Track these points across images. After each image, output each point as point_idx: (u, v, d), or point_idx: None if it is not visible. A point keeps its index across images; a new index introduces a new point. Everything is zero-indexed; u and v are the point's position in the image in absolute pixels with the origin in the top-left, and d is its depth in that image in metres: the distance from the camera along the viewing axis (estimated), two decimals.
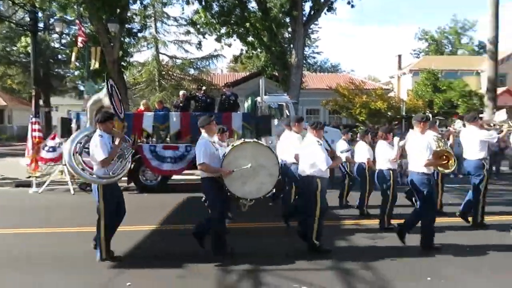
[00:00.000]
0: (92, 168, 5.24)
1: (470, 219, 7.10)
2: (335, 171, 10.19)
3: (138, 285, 4.63)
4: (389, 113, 23.71)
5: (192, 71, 28.05)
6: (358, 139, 8.93)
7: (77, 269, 5.11)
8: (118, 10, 15.65)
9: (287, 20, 17.67)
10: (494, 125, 7.97)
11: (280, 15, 18.18)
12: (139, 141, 10.97)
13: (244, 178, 5.39)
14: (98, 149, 4.95)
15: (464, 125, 7.76)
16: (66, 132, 10.26)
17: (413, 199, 7.71)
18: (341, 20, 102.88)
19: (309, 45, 39.06)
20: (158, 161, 10.47)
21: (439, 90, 30.73)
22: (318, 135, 5.67)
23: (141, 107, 12.53)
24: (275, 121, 11.54)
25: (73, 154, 5.15)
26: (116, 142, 5.10)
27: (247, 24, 17.05)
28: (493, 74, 19.64)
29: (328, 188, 5.96)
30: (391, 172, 6.87)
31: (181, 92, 13.34)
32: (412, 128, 6.23)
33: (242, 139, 6.54)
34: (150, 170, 10.76)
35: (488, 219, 7.21)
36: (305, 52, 33.42)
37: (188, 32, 20.87)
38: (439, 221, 6.93)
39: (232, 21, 17.40)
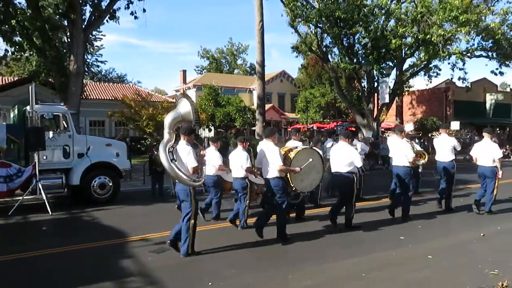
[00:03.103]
0: None
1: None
2: None
3: None
4: None
5: None
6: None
7: None
8: None
9: (65, 23, 16.13)
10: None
11: (56, 16, 16.44)
12: None
13: (302, 176, 6.83)
14: (191, 157, 5.73)
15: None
16: None
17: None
18: (128, 31, 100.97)
19: (91, 53, 36.59)
20: None
21: (219, 105, 33.57)
22: (350, 142, 7.68)
23: None
24: (50, 133, 10.23)
25: (171, 161, 5.69)
26: (202, 153, 6.21)
27: (13, 22, 14.70)
28: (262, 92, 22.65)
29: None
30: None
31: None
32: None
33: (298, 147, 7.46)
34: None
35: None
36: (87, 60, 31.23)
37: None
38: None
39: None
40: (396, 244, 6.60)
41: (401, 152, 8.22)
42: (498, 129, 31.70)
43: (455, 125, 15.21)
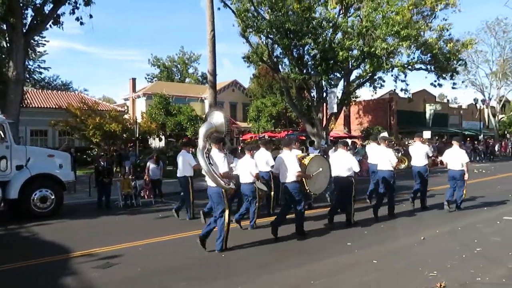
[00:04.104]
0: None
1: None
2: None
3: None
4: (124, 135, 23.69)
5: None
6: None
7: None
8: None
9: (4, 27, 15.26)
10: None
11: None
12: None
13: (314, 179, 7.84)
14: (224, 164, 6.56)
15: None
16: None
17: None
18: (74, 36, 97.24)
19: (33, 59, 34.82)
20: None
21: (170, 114, 33.05)
22: (347, 149, 8.77)
23: None
24: None
25: (209, 164, 6.42)
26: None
27: None
28: (213, 101, 22.57)
29: None
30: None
31: None
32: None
33: (310, 154, 8.96)
34: None
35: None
36: (28, 66, 29.66)
37: None
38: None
39: None
40: (343, 250, 6.78)
41: (385, 158, 9.29)
42: (436, 137, 33.72)
43: (427, 134, 17.50)
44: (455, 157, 9.87)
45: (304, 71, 23.97)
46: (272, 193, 10.00)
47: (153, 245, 7.38)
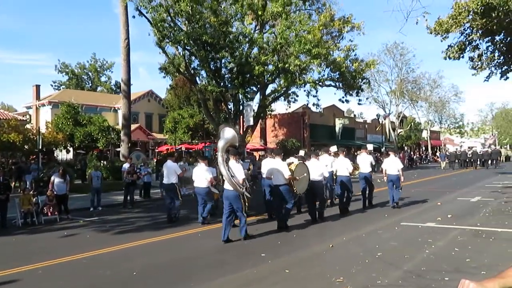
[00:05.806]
0: None
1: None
2: None
3: None
4: (25, 146, 21.68)
5: None
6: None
7: None
8: None
9: None
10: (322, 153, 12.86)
11: None
12: None
13: (299, 182, 9.56)
14: (242, 172, 8.26)
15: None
16: None
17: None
18: None
19: None
20: None
21: (79, 124, 31.08)
22: (318, 159, 10.69)
23: None
24: None
25: (231, 176, 7.86)
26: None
27: None
28: (127, 111, 21.76)
29: None
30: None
31: None
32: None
33: (296, 161, 10.73)
34: None
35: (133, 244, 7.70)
36: None
37: None
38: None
39: None
40: (258, 261, 6.89)
41: (343, 166, 11.46)
42: (345, 149, 36.01)
43: (370, 146, 22.09)
44: (392, 165, 12.14)
45: (221, 84, 24.15)
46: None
47: (55, 266, 6.82)
